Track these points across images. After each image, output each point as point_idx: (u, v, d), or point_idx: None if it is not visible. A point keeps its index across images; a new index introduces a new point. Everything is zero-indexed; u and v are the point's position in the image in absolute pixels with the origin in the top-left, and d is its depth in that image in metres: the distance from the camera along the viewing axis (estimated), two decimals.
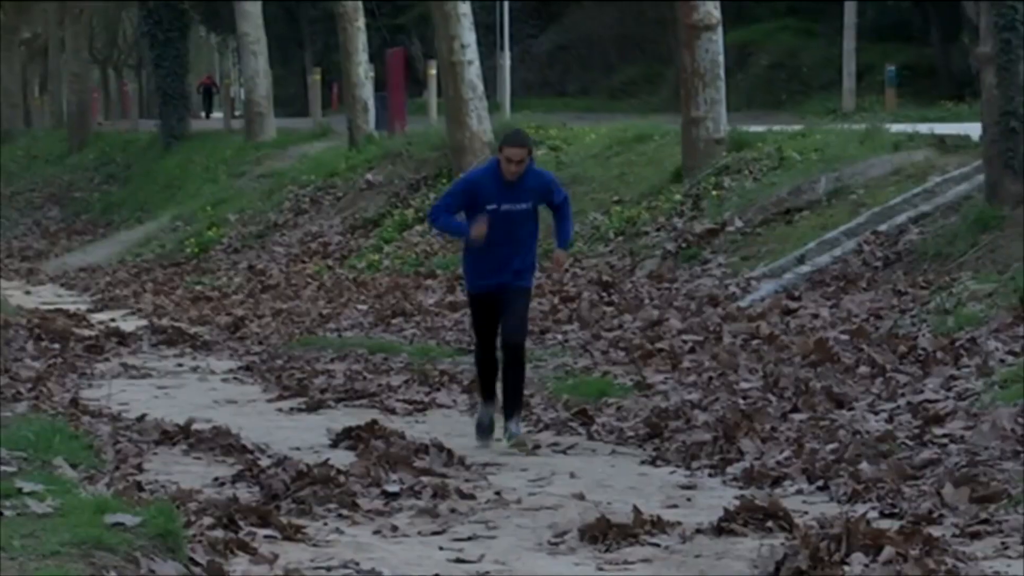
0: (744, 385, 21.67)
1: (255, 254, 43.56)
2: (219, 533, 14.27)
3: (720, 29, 34.68)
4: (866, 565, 12.49)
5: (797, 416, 19.74)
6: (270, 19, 58.40)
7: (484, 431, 20.90)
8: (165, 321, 33.07)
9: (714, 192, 32.90)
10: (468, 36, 41.31)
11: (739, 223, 30.95)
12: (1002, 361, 20.63)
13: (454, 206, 20.34)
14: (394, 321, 32.17)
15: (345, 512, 15.63)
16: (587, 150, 39.93)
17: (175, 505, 14.81)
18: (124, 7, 73.67)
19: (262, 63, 57.68)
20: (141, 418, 20.59)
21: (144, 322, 33.12)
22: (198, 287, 39.70)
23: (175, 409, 21.36)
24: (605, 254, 32.48)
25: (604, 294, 29.52)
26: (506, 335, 20.00)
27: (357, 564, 13.47)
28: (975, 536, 14.21)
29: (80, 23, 74.89)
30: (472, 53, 41.50)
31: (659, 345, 24.96)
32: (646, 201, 34.34)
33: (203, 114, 77.30)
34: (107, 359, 27.12)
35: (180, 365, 27.27)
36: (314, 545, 14.35)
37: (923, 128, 33.25)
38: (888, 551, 12.76)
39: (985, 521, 14.80)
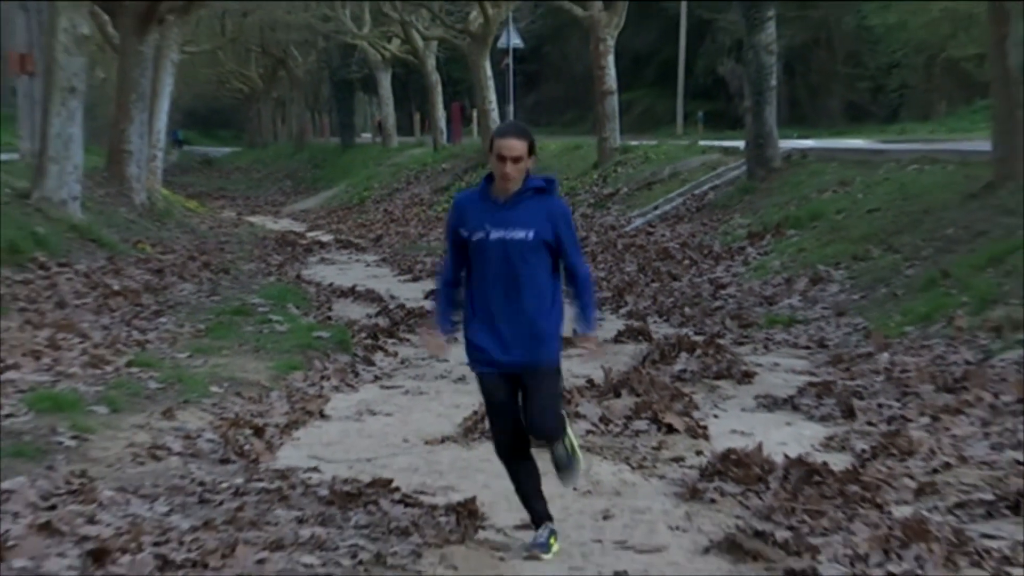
0: (628, 269, 21.49)
1: (387, 204, 43.19)
2: (369, 341, 14.23)
3: (616, 93, 34.46)
4: (687, 358, 12.44)
5: (654, 285, 19.60)
6: (395, 87, 58.05)
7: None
8: (342, 236, 32.88)
9: (613, 174, 32.69)
10: (492, 96, 40.93)
11: (625, 190, 30.69)
12: (754, 258, 20.52)
13: (452, 252, 7.55)
14: None
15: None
16: (551, 153, 39.59)
17: (347, 327, 14.87)
18: (323, 81, 73.10)
19: (390, 109, 57.28)
20: (330, 285, 20.33)
21: (331, 237, 32.92)
22: (359, 220, 39.51)
23: (347, 280, 21.15)
24: None
25: None
26: (531, 430, 7.38)
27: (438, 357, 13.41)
28: (740, 344, 14.16)
29: (301, 88, 74.45)
30: (494, 105, 41.17)
31: (585, 250, 24.82)
32: (579, 179, 34.10)
33: (372, 136, 76.27)
34: (313, 255, 27.05)
35: (350, 258, 26.99)
36: (414, 347, 14.18)
37: (716, 143, 33.09)
38: (698, 351, 12.73)
39: (746, 336, 14.75)
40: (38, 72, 25.56)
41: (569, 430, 7.19)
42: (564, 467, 7.14)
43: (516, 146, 6.87)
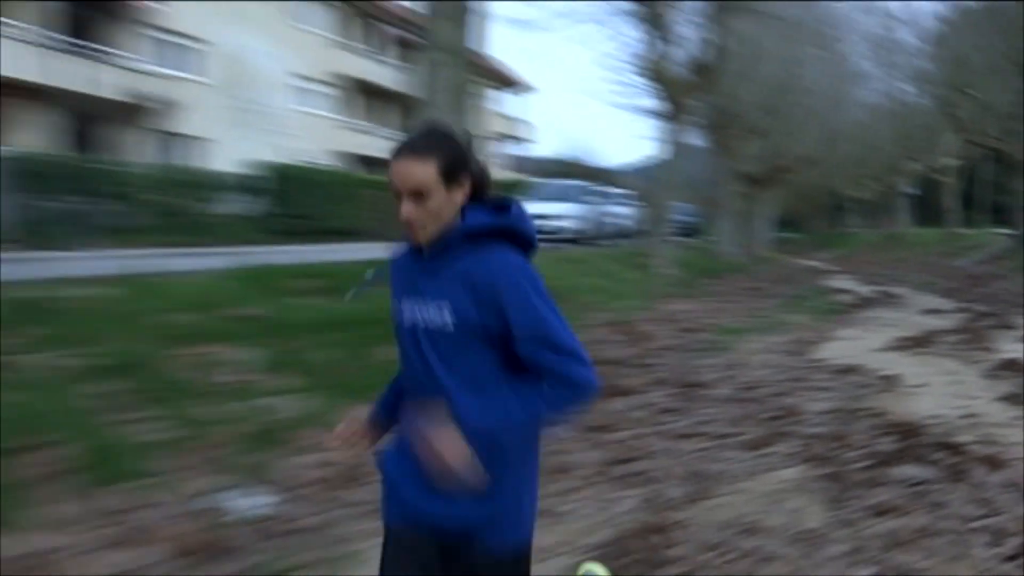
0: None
1: (865, 258, 35.51)
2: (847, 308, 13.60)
3: None
4: None
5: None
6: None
7: None
8: (841, 268, 27.09)
9: None
10: None
11: None
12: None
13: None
14: None
15: None
16: None
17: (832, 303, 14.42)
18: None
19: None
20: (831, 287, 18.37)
21: (832, 267, 27.87)
22: (849, 259, 33.82)
23: (838, 284, 19.60)
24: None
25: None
26: None
27: None
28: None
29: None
30: None
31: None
32: None
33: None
34: (823, 276, 22.88)
35: (840, 278, 22.56)
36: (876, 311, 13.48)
37: None
38: None
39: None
40: None
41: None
42: None
43: (412, 172, 2.32)
